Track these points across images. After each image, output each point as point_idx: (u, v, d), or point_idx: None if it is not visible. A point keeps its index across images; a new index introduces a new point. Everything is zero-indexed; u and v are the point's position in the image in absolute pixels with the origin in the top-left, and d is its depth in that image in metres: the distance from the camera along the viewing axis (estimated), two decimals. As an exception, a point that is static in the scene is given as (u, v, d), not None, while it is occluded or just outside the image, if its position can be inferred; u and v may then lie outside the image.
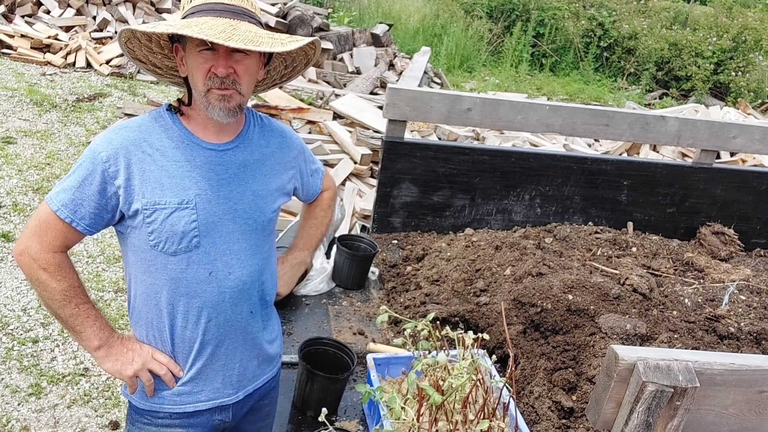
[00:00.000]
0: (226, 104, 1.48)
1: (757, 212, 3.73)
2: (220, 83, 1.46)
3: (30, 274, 1.49)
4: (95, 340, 1.54)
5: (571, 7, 13.16)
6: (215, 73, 1.45)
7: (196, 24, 1.39)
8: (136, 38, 1.52)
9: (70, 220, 1.47)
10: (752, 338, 2.59)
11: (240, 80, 1.48)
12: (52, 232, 1.47)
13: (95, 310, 1.55)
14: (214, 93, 1.47)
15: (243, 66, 1.48)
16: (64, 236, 1.48)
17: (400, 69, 9.38)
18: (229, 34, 1.38)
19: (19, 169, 5.42)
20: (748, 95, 11.66)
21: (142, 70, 1.64)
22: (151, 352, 1.60)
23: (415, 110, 3.16)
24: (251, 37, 1.41)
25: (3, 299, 3.85)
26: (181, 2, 1.54)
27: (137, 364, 1.57)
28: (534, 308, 2.49)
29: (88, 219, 1.48)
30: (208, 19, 1.42)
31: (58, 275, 1.48)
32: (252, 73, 1.53)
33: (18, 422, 3.04)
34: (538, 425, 2.06)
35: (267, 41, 1.43)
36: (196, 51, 1.45)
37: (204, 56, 1.45)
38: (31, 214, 4.75)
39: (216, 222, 1.55)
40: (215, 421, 1.70)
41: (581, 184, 3.50)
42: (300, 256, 2.00)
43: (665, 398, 1.19)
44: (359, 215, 4.67)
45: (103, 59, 8.12)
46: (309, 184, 1.88)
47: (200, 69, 1.46)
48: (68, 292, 1.49)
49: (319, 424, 1.60)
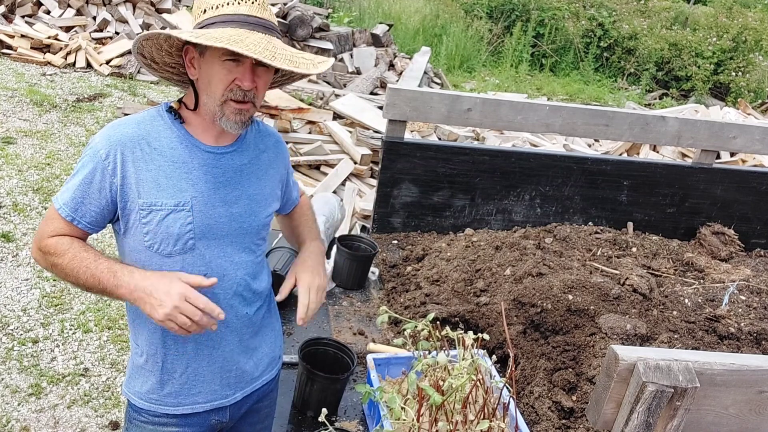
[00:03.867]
0: (241, 117, 1.49)
1: (757, 212, 3.73)
2: (242, 96, 1.47)
3: (44, 266, 1.54)
4: (121, 290, 1.44)
5: (571, 8, 13.16)
6: (239, 85, 1.45)
7: (238, 37, 1.38)
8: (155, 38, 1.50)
9: (71, 218, 1.48)
10: (752, 338, 2.59)
11: (258, 94, 1.50)
12: (55, 223, 1.50)
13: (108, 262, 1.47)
14: (232, 105, 1.47)
15: (263, 80, 1.50)
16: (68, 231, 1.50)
17: (400, 69, 9.38)
18: (272, 53, 1.39)
19: (19, 169, 5.42)
20: (748, 95, 11.66)
21: (143, 67, 1.62)
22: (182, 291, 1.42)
23: (415, 110, 3.16)
24: (289, 56, 1.43)
25: (3, 299, 3.85)
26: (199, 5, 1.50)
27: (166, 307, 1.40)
28: (534, 308, 2.49)
29: (88, 217, 1.49)
30: (245, 32, 1.41)
31: (59, 250, 1.48)
32: (267, 87, 1.55)
33: (18, 422, 3.04)
34: (538, 425, 2.06)
35: (303, 62, 1.46)
36: (219, 60, 1.44)
37: (228, 67, 1.44)
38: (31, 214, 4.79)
39: (211, 225, 1.55)
40: (212, 421, 1.70)
41: (581, 185, 3.50)
42: (315, 245, 1.87)
43: (665, 398, 1.19)
44: (359, 215, 4.67)
45: (103, 59, 8.12)
46: (290, 193, 1.85)
47: (223, 80, 1.46)
48: (74, 260, 1.47)
49: (319, 424, 1.60)
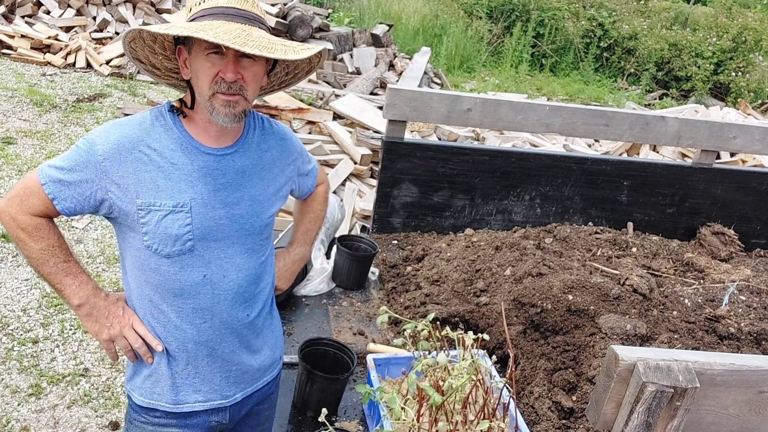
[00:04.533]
0: (231, 110, 1.48)
1: (757, 212, 3.73)
2: (227, 88, 1.45)
3: (10, 232, 1.53)
4: (75, 299, 1.55)
5: (571, 8, 13.16)
6: (223, 77, 1.45)
7: (210, 27, 1.38)
8: (141, 38, 1.51)
9: (53, 197, 1.48)
10: (752, 338, 2.59)
11: (247, 86, 1.48)
12: (34, 199, 1.49)
13: (77, 268, 1.56)
14: (220, 98, 1.47)
15: (251, 72, 1.48)
16: (45, 206, 1.50)
17: (400, 69, 9.38)
18: (244, 40, 1.37)
19: (19, 169, 5.42)
20: (748, 95, 11.66)
21: (146, 74, 1.62)
22: (132, 320, 1.59)
23: (415, 110, 3.16)
24: (264, 43, 1.40)
25: (3, 299, 3.85)
26: (188, 4, 1.53)
27: (114, 330, 1.57)
28: (534, 308, 2.49)
29: (68, 201, 1.49)
30: (221, 23, 1.42)
31: (35, 235, 1.51)
32: (258, 80, 1.53)
33: (18, 422, 3.04)
34: (538, 425, 2.06)
35: (280, 48, 1.43)
36: (203, 54, 1.45)
37: (212, 60, 1.44)
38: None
39: (211, 226, 1.55)
40: (212, 422, 1.70)
41: (581, 185, 3.50)
42: (300, 251, 1.99)
43: (665, 398, 1.19)
44: (359, 215, 4.67)
45: (103, 59, 8.12)
46: (304, 184, 1.88)
47: (207, 73, 1.45)
48: (45, 251, 1.51)
49: (319, 424, 1.61)
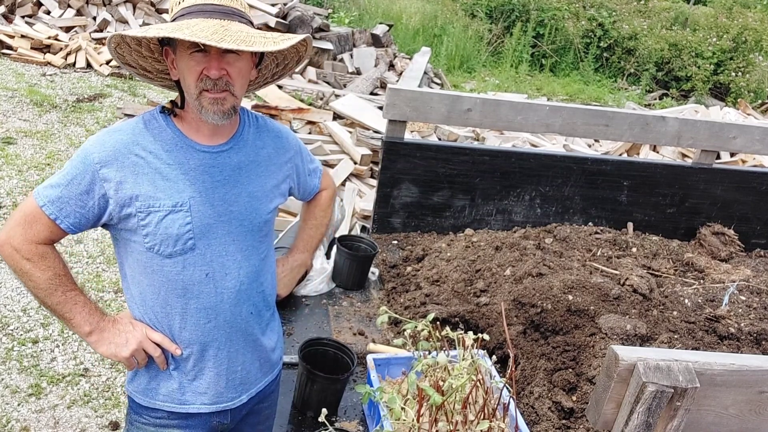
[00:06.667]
0: (219, 107, 1.47)
1: (757, 213, 3.73)
2: (212, 85, 1.45)
3: (13, 265, 1.50)
4: (86, 326, 1.54)
5: (571, 8, 13.16)
6: (207, 75, 1.44)
7: (187, 26, 1.37)
8: (125, 43, 1.51)
9: (54, 216, 1.47)
10: (752, 338, 2.59)
11: (233, 82, 1.47)
12: (37, 226, 1.47)
13: (83, 296, 1.56)
14: (207, 96, 1.46)
15: (235, 68, 1.47)
16: (49, 231, 1.49)
17: (400, 69, 9.38)
18: (221, 36, 1.36)
19: (19, 169, 5.42)
20: (748, 95, 11.66)
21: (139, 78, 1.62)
22: (145, 331, 1.58)
23: (415, 111, 3.16)
24: (243, 37, 1.39)
25: (3, 299, 3.85)
26: (170, 4, 1.53)
27: (133, 345, 1.56)
28: (534, 309, 2.49)
29: (72, 218, 1.48)
30: (199, 20, 1.40)
31: (42, 265, 1.49)
32: (244, 74, 1.52)
33: (18, 422, 3.04)
34: (538, 426, 2.06)
35: (259, 41, 1.41)
36: (187, 54, 1.44)
37: (195, 59, 1.44)
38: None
39: (211, 224, 1.55)
40: (213, 422, 1.70)
41: (581, 185, 3.50)
42: (300, 258, 2.00)
43: (665, 399, 1.19)
44: (359, 215, 4.67)
45: (103, 59, 8.12)
46: (306, 183, 1.87)
47: (192, 71, 1.45)
48: (53, 281, 1.50)
49: (319, 424, 1.60)
